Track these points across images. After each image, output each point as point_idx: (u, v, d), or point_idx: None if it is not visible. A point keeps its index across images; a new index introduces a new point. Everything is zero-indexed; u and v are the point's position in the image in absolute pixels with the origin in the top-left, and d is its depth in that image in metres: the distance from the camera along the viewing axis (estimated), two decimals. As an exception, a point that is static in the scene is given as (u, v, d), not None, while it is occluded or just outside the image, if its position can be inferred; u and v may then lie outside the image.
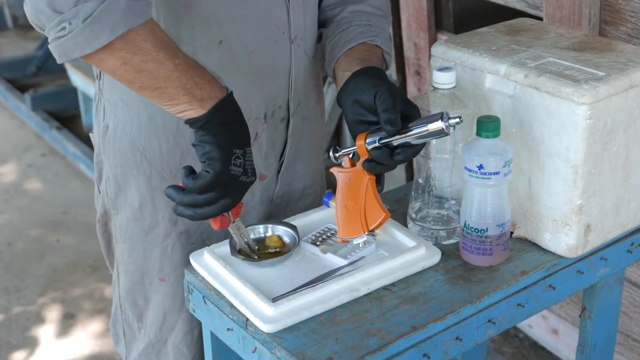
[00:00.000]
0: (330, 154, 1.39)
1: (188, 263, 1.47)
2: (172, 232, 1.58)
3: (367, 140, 1.35)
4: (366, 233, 1.37)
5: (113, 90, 1.52)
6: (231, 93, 1.32)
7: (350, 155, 1.39)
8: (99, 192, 1.63)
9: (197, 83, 1.28)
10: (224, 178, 1.30)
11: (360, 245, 1.43)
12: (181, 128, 1.50)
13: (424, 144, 1.36)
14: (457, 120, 1.31)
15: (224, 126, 1.30)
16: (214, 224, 1.37)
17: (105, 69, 1.28)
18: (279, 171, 1.61)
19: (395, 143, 1.33)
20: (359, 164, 1.38)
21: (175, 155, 1.53)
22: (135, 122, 1.52)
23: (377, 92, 1.34)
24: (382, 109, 1.32)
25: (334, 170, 1.40)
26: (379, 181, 1.39)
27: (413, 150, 1.34)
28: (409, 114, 1.34)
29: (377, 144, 1.34)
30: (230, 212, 1.38)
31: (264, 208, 1.62)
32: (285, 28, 1.50)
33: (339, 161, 1.40)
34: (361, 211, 1.37)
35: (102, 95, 1.55)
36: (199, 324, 1.58)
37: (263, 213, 1.62)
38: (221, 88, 1.31)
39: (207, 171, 1.29)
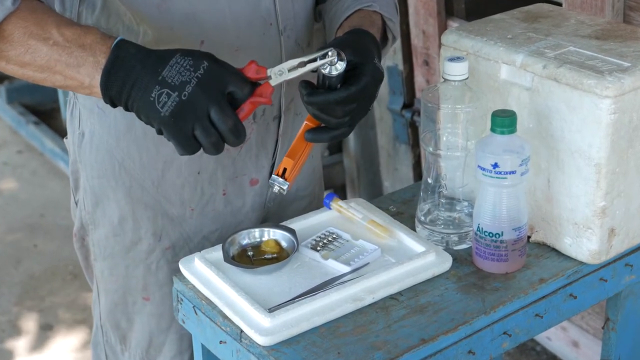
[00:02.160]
0: None
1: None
2: (157, 248, 1.57)
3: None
4: (272, 176, 1.39)
5: None
6: (116, 46, 1.27)
7: None
8: (76, 204, 1.63)
9: (77, 58, 1.29)
10: (170, 123, 1.25)
11: (273, 190, 1.40)
12: (163, 138, 1.49)
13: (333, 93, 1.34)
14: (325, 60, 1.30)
15: (126, 88, 1.26)
16: (265, 104, 1.30)
17: (2, 70, 1.33)
18: (271, 173, 1.60)
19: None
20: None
21: (157, 165, 1.52)
22: (112, 130, 1.51)
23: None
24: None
25: None
26: (323, 131, 1.38)
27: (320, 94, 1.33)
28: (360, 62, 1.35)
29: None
30: (250, 79, 1.30)
31: (257, 215, 1.62)
32: (272, 19, 1.48)
33: None
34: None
35: (77, 99, 1.55)
36: (190, 346, 1.58)
37: (256, 220, 1.61)
38: (104, 51, 1.27)
39: (162, 131, 1.27)
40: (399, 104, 2.91)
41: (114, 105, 1.30)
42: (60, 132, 4.15)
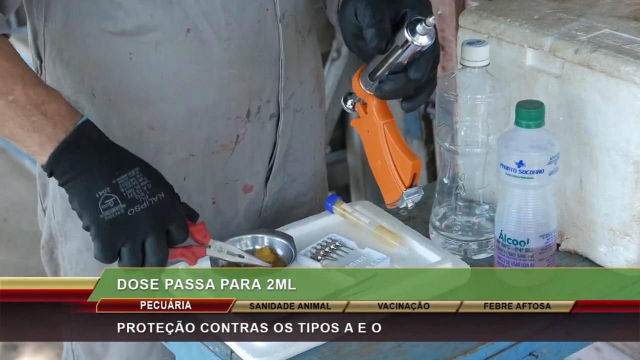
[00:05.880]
0: (342, 104, 1.44)
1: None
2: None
3: (361, 79, 1.37)
4: (404, 192, 1.38)
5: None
6: (80, 126, 1.33)
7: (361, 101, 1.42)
8: (44, 212, 1.62)
9: (34, 124, 1.32)
10: (106, 229, 1.30)
11: (409, 207, 1.41)
12: (144, 140, 1.49)
13: (428, 70, 1.34)
14: (426, 26, 1.28)
15: (74, 172, 1.31)
16: (189, 262, 1.39)
17: None
18: (268, 179, 1.60)
19: (384, 71, 1.33)
20: (370, 109, 1.40)
21: None
22: None
23: (356, 8, 1.33)
24: (364, 27, 1.33)
25: (353, 123, 1.44)
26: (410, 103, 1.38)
27: (404, 77, 1.33)
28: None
29: (369, 80, 1.35)
30: (194, 238, 1.39)
31: (250, 225, 1.62)
32: (269, 4, 1.48)
33: (354, 111, 1.43)
34: (390, 166, 1.39)
35: None
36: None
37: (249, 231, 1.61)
38: (67, 126, 1.32)
39: (92, 229, 1.31)
40: (411, 94, 2.91)
41: (50, 175, 1.33)
42: (26, 125, 4.15)
